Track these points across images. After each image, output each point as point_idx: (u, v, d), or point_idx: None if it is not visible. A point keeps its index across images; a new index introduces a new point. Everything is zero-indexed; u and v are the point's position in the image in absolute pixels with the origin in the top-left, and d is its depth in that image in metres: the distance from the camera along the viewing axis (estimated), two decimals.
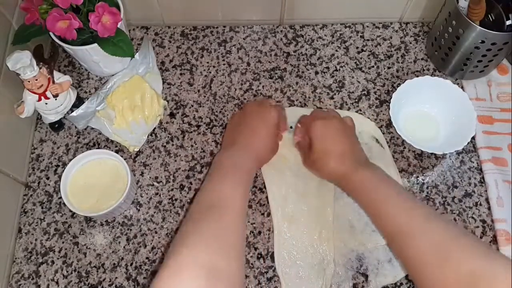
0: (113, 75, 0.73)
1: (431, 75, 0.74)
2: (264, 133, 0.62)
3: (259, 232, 0.64)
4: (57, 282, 0.61)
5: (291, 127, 0.70)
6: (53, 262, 0.63)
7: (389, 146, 0.70)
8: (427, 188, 0.67)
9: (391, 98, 0.68)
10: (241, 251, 0.51)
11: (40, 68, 0.62)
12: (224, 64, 0.77)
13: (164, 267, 0.43)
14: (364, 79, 0.76)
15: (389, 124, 0.71)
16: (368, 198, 0.56)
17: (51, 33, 0.64)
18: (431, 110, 0.71)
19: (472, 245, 0.46)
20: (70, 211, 0.64)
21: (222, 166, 0.57)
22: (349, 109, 0.73)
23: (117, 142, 0.70)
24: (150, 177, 0.68)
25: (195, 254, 0.45)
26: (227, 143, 0.65)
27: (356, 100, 0.74)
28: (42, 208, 0.66)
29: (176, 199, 0.66)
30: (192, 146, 0.70)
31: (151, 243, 0.63)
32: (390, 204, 0.54)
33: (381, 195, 0.55)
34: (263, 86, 0.75)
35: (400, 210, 0.53)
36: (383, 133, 0.71)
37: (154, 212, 0.65)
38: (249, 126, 0.63)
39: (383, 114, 0.73)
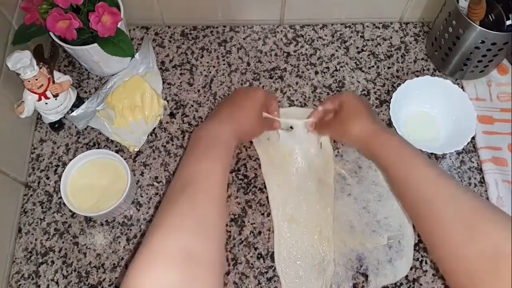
0: (113, 75, 0.74)
1: (431, 75, 0.74)
2: (247, 108, 0.61)
3: (259, 232, 0.64)
4: (57, 282, 0.61)
5: (291, 127, 0.70)
6: (53, 262, 0.63)
7: None
8: None
9: (391, 98, 0.68)
10: (219, 231, 0.48)
11: (40, 68, 0.62)
12: (224, 64, 0.77)
13: (138, 254, 0.41)
14: (364, 79, 0.76)
15: (389, 124, 0.71)
16: (391, 161, 0.55)
17: (51, 33, 0.64)
18: (431, 110, 0.71)
19: (499, 220, 0.44)
20: (70, 211, 0.64)
21: (201, 139, 0.55)
22: None
23: (117, 142, 0.70)
24: (150, 177, 0.68)
25: (168, 238, 0.43)
26: (210, 116, 0.64)
27: None
28: (42, 208, 0.66)
29: None
30: None
31: None
32: (415, 170, 0.52)
33: (405, 159, 0.54)
34: (263, 86, 0.75)
35: (426, 178, 0.50)
36: None
37: (154, 212, 0.65)
38: (233, 101, 0.63)
39: (383, 114, 0.73)
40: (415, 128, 0.70)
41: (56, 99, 0.66)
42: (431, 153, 0.68)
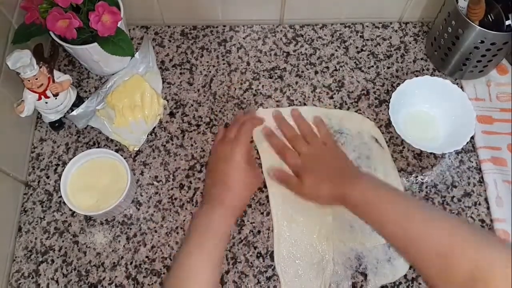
0: (113, 74, 0.74)
1: (430, 75, 0.74)
2: (235, 182, 0.59)
3: (259, 231, 0.64)
4: (57, 281, 0.61)
5: None
6: (53, 261, 0.63)
7: (388, 146, 0.70)
8: (426, 187, 0.67)
9: (390, 98, 0.68)
10: None
11: (40, 67, 0.62)
12: (224, 64, 0.77)
13: None
14: (364, 79, 0.76)
15: (389, 124, 0.72)
16: (369, 211, 0.54)
17: (51, 32, 0.64)
18: (431, 110, 0.71)
19: (470, 240, 0.45)
20: (70, 210, 0.65)
21: (195, 228, 0.56)
22: (348, 108, 0.73)
23: (117, 141, 0.70)
24: (150, 176, 0.68)
25: None
26: (205, 197, 0.62)
27: (356, 99, 0.74)
28: (42, 207, 0.66)
29: (175, 198, 0.66)
30: (192, 145, 0.70)
31: (150, 242, 0.63)
32: (390, 212, 0.52)
33: (380, 206, 0.53)
34: (262, 86, 0.75)
35: (400, 217, 0.51)
36: (383, 133, 0.71)
37: (154, 211, 0.66)
38: (220, 176, 0.60)
39: (383, 114, 0.73)
40: (415, 128, 0.70)
41: (56, 99, 0.66)
42: (430, 153, 0.68)
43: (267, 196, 0.66)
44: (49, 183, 0.68)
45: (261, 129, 0.69)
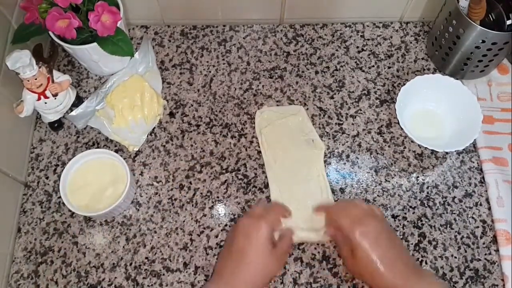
0: (112, 74, 0.73)
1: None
2: (254, 256, 0.52)
3: None
4: (56, 282, 0.61)
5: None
6: (52, 261, 0.63)
7: (389, 146, 0.70)
8: (427, 188, 0.67)
9: (391, 98, 0.68)
10: None
11: (39, 67, 0.62)
12: (224, 64, 0.77)
13: None
14: (364, 78, 0.76)
15: (389, 124, 0.71)
16: None
17: (50, 32, 0.64)
18: (438, 109, 0.71)
19: None
20: (70, 210, 0.64)
21: None
22: (349, 108, 0.73)
23: (117, 142, 0.70)
24: (149, 177, 0.68)
25: None
26: (216, 273, 0.55)
27: (356, 99, 0.74)
28: (41, 207, 0.66)
29: (175, 199, 0.66)
30: (191, 145, 0.70)
31: (150, 243, 0.63)
32: None
33: None
34: (263, 86, 0.75)
35: None
36: (383, 133, 0.71)
37: (154, 212, 0.65)
38: (236, 250, 0.53)
39: (383, 114, 0.72)
40: (420, 125, 0.69)
41: (55, 99, 0.66)
42: (432, 153, 0.68)
43: (267, 197, 0.66)
44: (48, 184, 0.68)
45: (263, 118, 0.70)
